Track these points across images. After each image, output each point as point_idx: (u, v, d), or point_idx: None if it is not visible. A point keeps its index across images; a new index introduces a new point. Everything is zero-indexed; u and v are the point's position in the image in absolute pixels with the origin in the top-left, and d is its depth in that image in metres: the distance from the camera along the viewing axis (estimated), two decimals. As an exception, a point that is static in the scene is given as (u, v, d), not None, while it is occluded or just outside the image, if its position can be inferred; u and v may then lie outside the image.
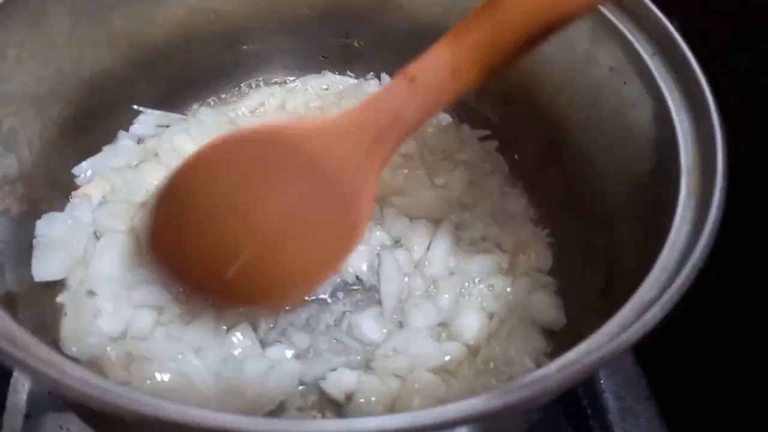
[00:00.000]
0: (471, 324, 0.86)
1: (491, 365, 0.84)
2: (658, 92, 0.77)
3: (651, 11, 0.81)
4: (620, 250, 0.80)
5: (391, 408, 0.78)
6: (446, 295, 0.89)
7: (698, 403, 0.98)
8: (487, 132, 1.09)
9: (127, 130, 1.03)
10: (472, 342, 0.85)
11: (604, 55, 0.86)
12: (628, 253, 0.77)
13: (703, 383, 1.01)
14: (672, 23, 0.79)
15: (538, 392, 0.48)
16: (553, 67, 0.96)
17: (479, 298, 0.90)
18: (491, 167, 1.06)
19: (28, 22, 0.79)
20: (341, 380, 0.80)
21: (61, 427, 0.92)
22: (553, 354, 0.86)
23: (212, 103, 1.14)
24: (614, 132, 0.86)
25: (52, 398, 0.94)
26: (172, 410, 0.44)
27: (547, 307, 0.90)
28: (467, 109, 1.11)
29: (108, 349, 0.77)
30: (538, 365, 0.79)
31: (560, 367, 0.50)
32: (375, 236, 0.95)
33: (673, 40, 0.78)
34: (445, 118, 1.12)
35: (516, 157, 1.07)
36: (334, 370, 0.82)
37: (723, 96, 0.72)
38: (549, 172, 1.01)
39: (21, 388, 0.94)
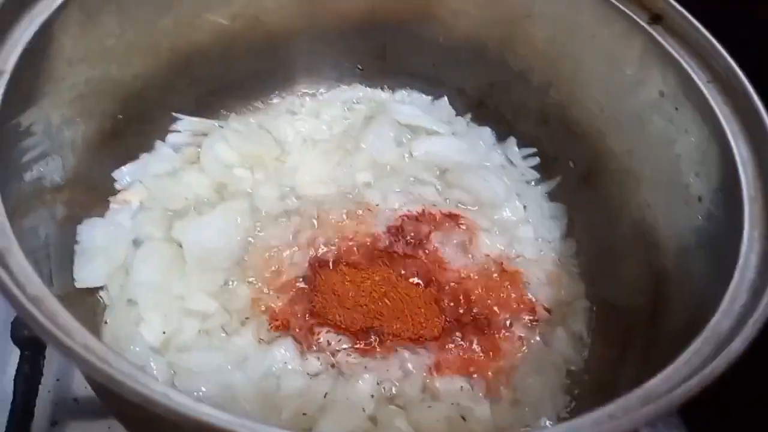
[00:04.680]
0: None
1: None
2: (714, 120, 0.77)
3: (705, 37, 0.80)
4: (672, 278, 0.80)
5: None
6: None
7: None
8: (532, 150, 1.09)
9: (163, 139, 1.01)
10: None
11: (654, 79, 0.86)
12: (683, 281, 0.76)
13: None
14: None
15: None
16: (595, 86, 0.96)
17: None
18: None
19: (83, 24, 0.78)
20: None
21: (88, 436, 0.90)
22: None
23: (245, 111, 1.13)
24: (662, 156, 0.86)
25: (81, 405, 0.93)
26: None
27: (565, 346, 0.90)
28: (507, 127, 1.10)
29: (151, 361, 0.76)
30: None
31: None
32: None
33: (730, 68, 0.78)
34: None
35: (554, 177, 1.06)
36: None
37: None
38: (588, 195, 1.01)
39: (47, 395, 0.92)
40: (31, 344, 0.87)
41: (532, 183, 1.08)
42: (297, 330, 0.84)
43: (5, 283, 0.52)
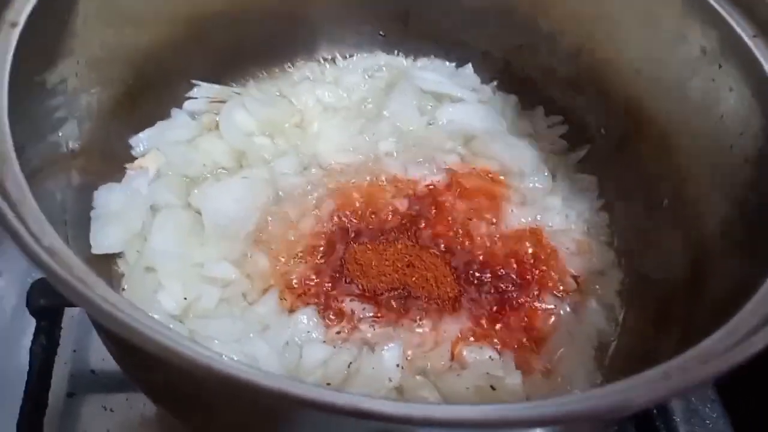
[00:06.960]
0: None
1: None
2: (761, 75, 0.72)
3: (750, -11, 0.76)
4: (713, 249, 0.75)
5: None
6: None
7: (765, 407, 0.93)
8: (559, 118, 1.05)
9: (180, 107, 0.99)
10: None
11: (695, 35, 0.81)
12: (726, 252, 0.72)
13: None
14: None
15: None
16: (631, 47, 0.91)
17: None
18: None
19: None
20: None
21: (105, 408, 0.89)
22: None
23: (264, 78, 1.10)
24: (704, 118, 0.81)
25: (98, 377, 0.91)
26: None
27: (598, 317, 0.86)
28: (535, 93, 1.06)
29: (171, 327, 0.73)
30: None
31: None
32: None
33: (778, 20, 0.73)
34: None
35: (584, 146, 1.02)
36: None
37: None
38: (621, 163, 0.96)
39: (64, 366, 0.90)
40: (48, 314, 0.85)
41: (561, 152, 1.03)
42: (320, 299, 0.81)
43: (20, 234, 0.49)
